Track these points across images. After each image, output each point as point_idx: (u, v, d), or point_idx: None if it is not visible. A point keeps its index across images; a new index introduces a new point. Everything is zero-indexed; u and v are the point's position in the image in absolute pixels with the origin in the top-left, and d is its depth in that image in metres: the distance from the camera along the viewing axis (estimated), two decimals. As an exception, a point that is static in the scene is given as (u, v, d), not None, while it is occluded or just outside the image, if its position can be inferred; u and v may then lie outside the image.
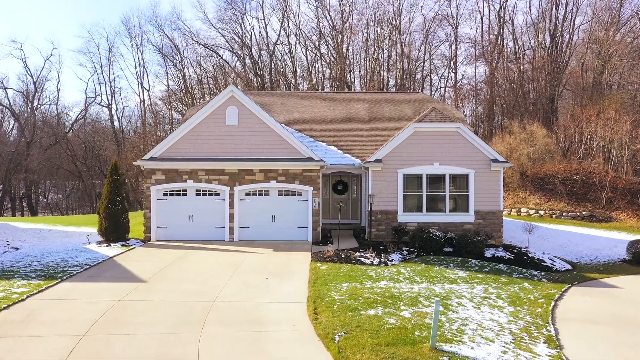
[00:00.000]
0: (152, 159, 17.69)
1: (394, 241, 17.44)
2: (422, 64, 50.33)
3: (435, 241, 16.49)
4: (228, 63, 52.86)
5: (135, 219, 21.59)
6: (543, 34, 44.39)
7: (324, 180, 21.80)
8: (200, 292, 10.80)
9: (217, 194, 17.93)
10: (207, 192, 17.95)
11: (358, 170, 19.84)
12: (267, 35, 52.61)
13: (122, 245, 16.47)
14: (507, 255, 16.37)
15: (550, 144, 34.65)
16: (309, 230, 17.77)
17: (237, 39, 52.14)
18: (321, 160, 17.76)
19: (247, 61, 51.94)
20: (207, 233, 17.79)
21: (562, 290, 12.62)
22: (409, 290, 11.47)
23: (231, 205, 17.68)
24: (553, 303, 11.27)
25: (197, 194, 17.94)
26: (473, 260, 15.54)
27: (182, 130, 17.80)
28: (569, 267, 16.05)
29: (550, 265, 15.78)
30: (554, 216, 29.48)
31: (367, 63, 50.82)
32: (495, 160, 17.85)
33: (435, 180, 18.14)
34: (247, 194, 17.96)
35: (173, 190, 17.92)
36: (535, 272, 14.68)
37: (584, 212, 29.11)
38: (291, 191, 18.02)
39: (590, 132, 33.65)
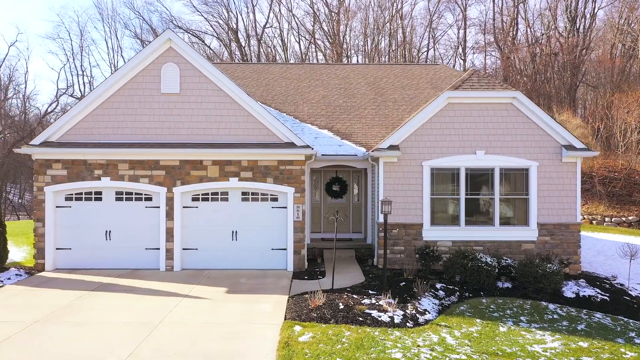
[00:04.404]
0: (45, 143, 11.49)
1: (418, 270, 11.39)
2: (426, 52, 44.66)
3: (487, 273, 10.44)
4: (213, 50, 47.00)
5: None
6: (562, 16, 38.89)
7: (314, 177, 15.63)
8: None
9: (149, 199, 11.78)
10: (134, 196, 11.79)
11: (362, 162, 13.74)
12: (255, 19, 46.76)
13: (-11, 280, 10.32)
14: (599, 295, 10.39)
15: (586, 136, 29.20)
16: (288, 254, 11.65)
17: (221, 22, 46.46)
18: (308, 147, 11.68)
19: (233, 46, 46.07)
20: (133, 258, 11.66)
21: None
22: (484, 407, 5.42)
23: (169, 215, 11.56)
24: None
25: (117, 199, 11.77)
26: (550, 306, 9.64)
27: (92, 98, 11.57)
28: (696, 312, 10.13)
29: (671, 312, 9.86)
30: (594, 222, 24.23)
31: (366, 49, 45.07)
32: (570, 147, 11.85)
33: (479, 178, 12.13)
34: (195, 199, 11.83)
35: (80, 193, 11.73)
36: (660, 329, 8.76)
37: (630, 217, 24.23)
38: (262, 194, 11.92)
39: (634, 121, 28.24)
